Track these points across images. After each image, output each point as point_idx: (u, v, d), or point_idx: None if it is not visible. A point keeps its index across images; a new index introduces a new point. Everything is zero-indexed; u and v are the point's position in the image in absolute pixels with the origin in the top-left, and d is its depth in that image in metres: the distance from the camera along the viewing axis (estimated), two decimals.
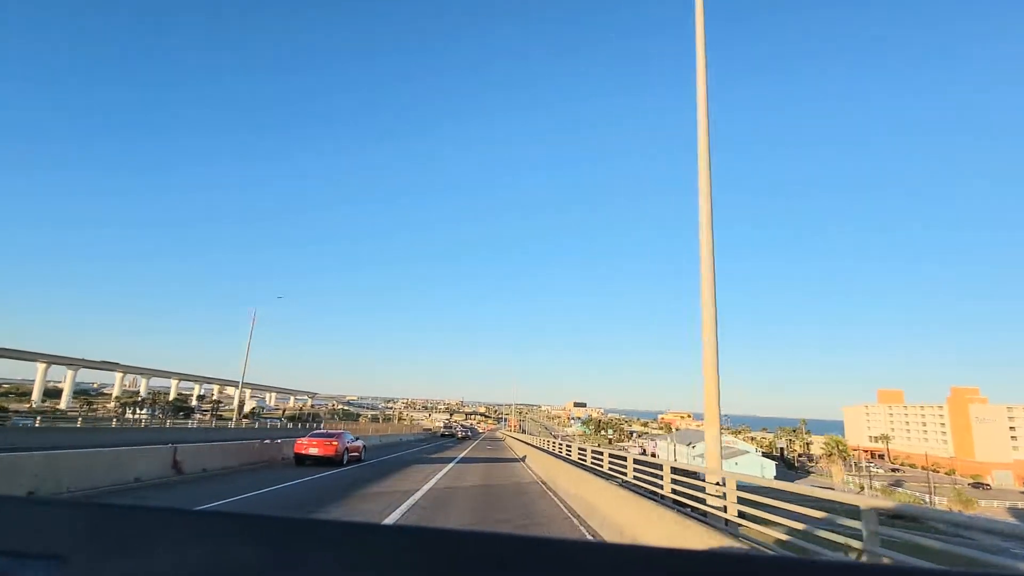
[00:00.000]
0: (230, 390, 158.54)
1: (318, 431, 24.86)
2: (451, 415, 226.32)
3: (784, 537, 6.15)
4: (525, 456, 29.67)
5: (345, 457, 20.26)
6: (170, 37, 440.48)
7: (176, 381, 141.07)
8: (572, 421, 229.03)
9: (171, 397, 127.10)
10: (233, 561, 0.71)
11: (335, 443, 20.07)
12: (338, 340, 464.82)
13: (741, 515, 7.23)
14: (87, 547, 0.75)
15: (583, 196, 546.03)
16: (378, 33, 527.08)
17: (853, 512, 5.26)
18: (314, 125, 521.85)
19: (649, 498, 9.12)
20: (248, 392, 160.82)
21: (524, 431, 67.60)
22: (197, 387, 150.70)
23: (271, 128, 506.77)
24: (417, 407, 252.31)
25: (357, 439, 23.27)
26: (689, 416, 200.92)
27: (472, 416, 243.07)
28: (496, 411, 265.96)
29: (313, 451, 19.67)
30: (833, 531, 5.64)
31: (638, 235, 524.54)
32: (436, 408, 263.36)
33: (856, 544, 5.17)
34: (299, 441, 20.40)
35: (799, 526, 6.19)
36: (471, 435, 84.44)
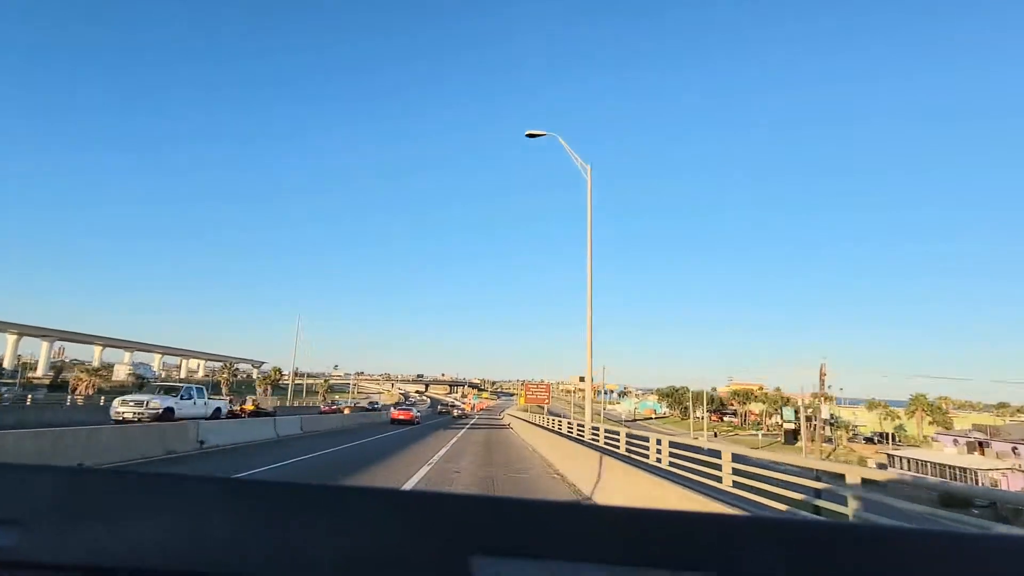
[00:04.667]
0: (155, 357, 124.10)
1: (403, 404, 44.93)
2: (426, 387, 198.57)
3: None
4: None
5: (415, 420, 39.61)
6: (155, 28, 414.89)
7: (14, 337, 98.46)
8: (609, 396, 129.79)
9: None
10: (213, 526, 0.72)
11: (412, 412, 39.74)
12: (313, 313, 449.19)
13: None
14: (50, 512, 0.74)
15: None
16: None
17: None
18: (290, 110, 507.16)
19: None
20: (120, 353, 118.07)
21: (553, 414, 39.61)
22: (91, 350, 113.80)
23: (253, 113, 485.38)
24: (397, 380, 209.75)
25: (419, 412, 43.15)
26: (761, 388, 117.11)
27: (459, 387, 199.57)
28: (495, 385, 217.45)
29: (401, 417, 38.94)
30: None
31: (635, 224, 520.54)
32: (405, 380, 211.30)
33: None
34: (392, 411, 39.78)
35: None
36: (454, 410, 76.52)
